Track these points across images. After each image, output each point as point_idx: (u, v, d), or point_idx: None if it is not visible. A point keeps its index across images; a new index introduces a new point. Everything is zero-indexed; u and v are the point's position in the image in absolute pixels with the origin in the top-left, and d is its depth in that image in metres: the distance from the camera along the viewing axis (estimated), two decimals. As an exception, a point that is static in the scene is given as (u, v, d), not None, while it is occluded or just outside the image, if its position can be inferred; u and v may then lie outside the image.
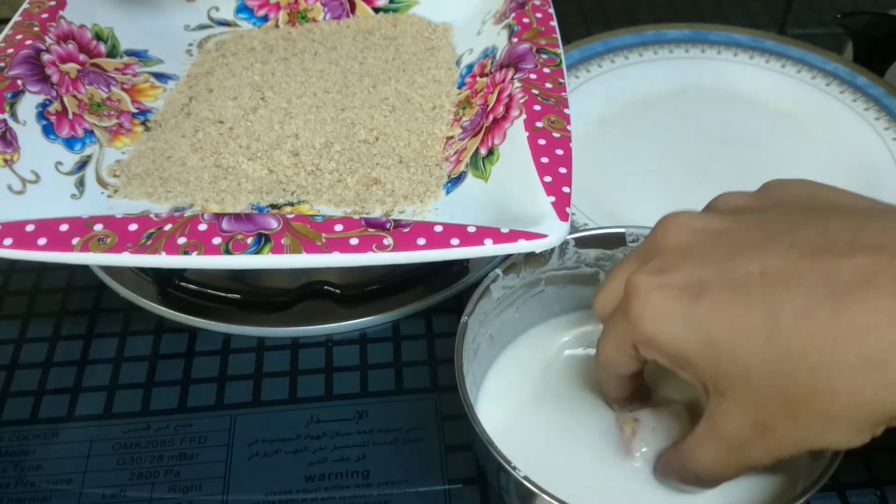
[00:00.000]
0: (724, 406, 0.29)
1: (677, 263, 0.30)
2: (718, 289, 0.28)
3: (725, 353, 0.28)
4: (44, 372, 0.44)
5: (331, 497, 0.38)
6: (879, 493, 0.38)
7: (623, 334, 0.31)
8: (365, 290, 0.47)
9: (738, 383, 0.28)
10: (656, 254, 0.31)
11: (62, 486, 0.39)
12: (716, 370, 0.29)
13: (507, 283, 0.38)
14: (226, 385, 0.43)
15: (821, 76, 0.59)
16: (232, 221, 0.37)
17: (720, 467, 0.31)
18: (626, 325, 0.31)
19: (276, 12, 0.58)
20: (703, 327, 0.28)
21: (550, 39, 0.48)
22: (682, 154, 0.54)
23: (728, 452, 0.30)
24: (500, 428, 0.35)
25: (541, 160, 0.40)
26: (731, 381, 0.28)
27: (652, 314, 0.29)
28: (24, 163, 0.42)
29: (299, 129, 0.48)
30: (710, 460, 0.31)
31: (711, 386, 0.29)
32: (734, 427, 0.29)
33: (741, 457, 0.30)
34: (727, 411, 0.29)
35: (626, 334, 0.31)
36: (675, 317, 0.29)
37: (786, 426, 0.28)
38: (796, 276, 0.27)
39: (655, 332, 0.29)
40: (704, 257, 0.29)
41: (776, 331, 0.27)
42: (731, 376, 0.28)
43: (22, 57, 0.46)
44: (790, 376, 0.27)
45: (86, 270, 0.49)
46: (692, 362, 0.29)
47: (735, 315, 0.28)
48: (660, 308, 0.29)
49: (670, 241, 0.31)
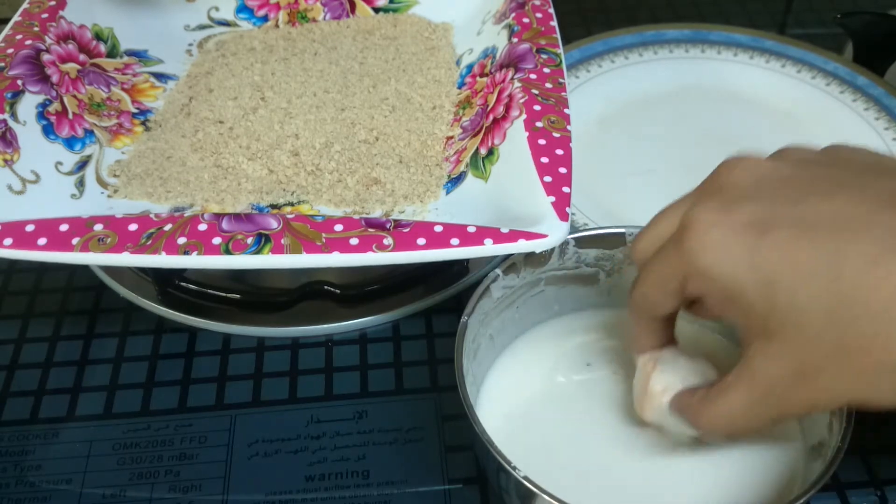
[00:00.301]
0: (769, 349, 0.28)
1: (742, 201, 0.29)
2: (784, 228, 0.28)
3: (784, 292, 0.27)
4: (44, 372, 0.44)
5: (331, 497, 0.38)
6: (879, 493, 0.38)
7: (671, 267, 0.31)
8: (365, 290, 0.47)
9: (790, 324, 0.28)
10: (718, 191, 0.30)
11: (62, 486, 0.39)
12: (769, 309, 0.28)
13: (507, 283, 0.38)
14: (226, 385, 0.43)
15: (821, 76, 0.59)
16: (232, 221, 0.37)
17: (744, 416, 0.30)
18: (677, 258, 0.30)
19: (276, 12, 0.58)
20: (765, 264, 0.28)
21: (550, 39, 0.48)
22: (682, 154, 0.54)
23: (759, 399, 0.29)
24: (500, 428, 0.35)
25: (541, 160, 0.40)
26: (783, 322, 0.28)
27: (712, 246, 0.29)
28: (24, 163, 0.42)
29: (299, 129, 0.48)
30: (737, 407, 0.30)
31: (759, 327, 0.28)
32: (775, 371, 0.28)
33: (772, 406, 0.29)
34: (771, 354, 0.28)
35: (675, 267, 0.30)
36: (735, 250, 0.28)
37: (832, 374, 0.27)
38: (867, 225, 0.27)
39: (713, 264, 0.29)
40: (772, 198, 0.29)
41: (840, 275, 0.26)
42: (785, 317, 0.28)
43: (22, 57, 0.46)
44: (849, 323, 0.26)
45: (86, 270, 0.49)
46: (745, 299, 0.28)
47: (799, 255, 0.27)
48: (721, 241, 0.29)
49: (735, 179, 0.31)
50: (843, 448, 0.31)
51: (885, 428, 0.40)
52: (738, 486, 0.34)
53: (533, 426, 0.37)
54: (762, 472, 0.35)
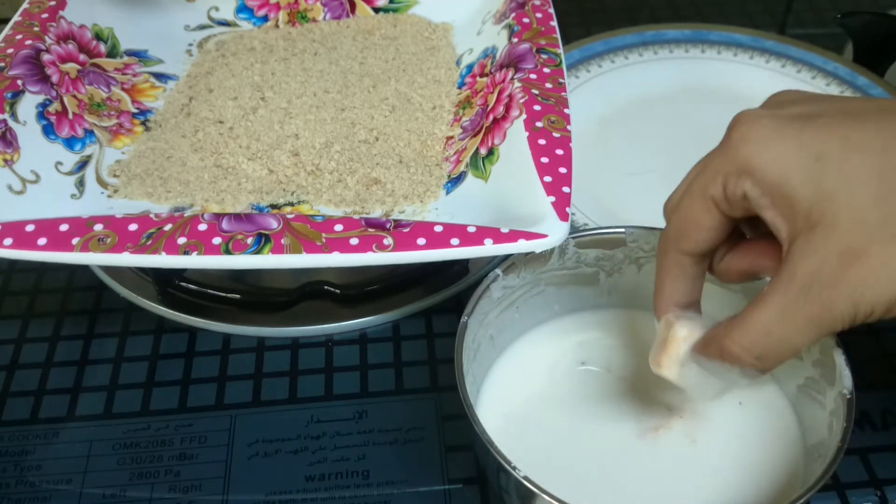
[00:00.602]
0: (811, 242, 0.27)
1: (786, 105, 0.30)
2: (831, 115, 0.28)
3: (833, 167, 0.27)
4: (44, 372, 0.44)
5: (331, 497, 0.38)
6: (879, 494, 0.38)
7: (712, 170, 0.30)
8: (365, 290, 0.47)
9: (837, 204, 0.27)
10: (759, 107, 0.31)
11: (62, 486, 0.39)
12: (816, 192, 0.27)
13: (508, 283, 0.38)
14: (226, 385, 0.43)
15: (821, 76, 0.59)
16: (232, 221, 0.37)
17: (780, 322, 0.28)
18: (720, 156, 0.30)
19: (276, 12, 0.58)
20: (813, 142, 0.28)
21: (550, 39, 0.48)
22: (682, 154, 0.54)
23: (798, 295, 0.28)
24: (500, 428, 0.35)
25: (541, 160, 0.40)
26: (829, 204, 0.27)
27: (758, 134, 0.29)
28: (24, 163, 0.42)
29: (299, 129, 0.48)
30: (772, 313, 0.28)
31: (803, 219, 0.28)
32: (816, 261, 0.27)
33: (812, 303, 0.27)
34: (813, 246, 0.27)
35: (718, 166, 0.30)
36: (783, 135, 0.28)
37: (881, 251, 0.26)
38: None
39: (758, 152, 0.28)
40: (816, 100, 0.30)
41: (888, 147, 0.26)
42: (831, 197, 0.27)
43: (22, 57, 0.46)
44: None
45: (86, 270, 0.49)
46: (791, 186, 0.28)
47: (848, 132, 0.27)
48: (767, 129, 0.29)
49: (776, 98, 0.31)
50: (843, 448, 0.31)
51: (885, 428, 0.41)
52: (738, 486, 0.34)
53: (533, 426, 0.37)
54: (762, 472, 0.35)
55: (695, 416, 0.37)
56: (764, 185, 0.29)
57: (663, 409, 0.37)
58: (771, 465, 0.35)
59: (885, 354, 0.44)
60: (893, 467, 0.39)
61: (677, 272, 0.33)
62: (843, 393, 0.32)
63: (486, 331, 0.38)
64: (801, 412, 0.37)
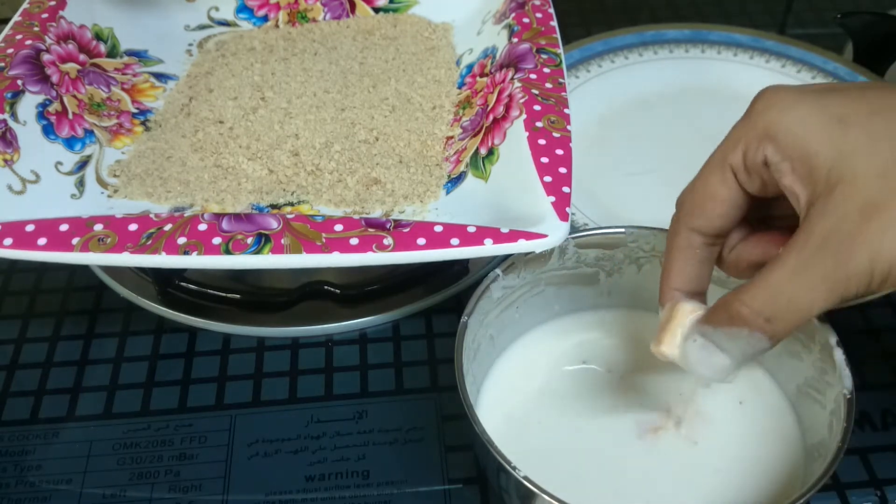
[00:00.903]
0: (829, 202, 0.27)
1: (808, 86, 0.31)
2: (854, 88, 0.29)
3: (855, 128, 0.28)
4: (44, 372, 0.44)
5: (331, 497, 0.38)
6: (879, 494, 0.38)
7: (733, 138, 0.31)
8: (365, 290, 0.47)
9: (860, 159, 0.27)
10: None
11: (62, 486, 0.39)
12: (838, 153, 0.28)
13: (508, 283, 0.38)
14: (226, 385, 0.43)
15: (821, 76, 0.59)
16: (232, 221, 0.37)
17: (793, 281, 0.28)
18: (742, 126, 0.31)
19: (276, 12, 0.58)
20: (836, 107, 0.28)
21: (550, 39, 0.48)
22: (682, 154, 0.54)
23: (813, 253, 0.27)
24: (500, 428, 0.35)
25: (541, 160, 0.40)
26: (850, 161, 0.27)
27: (781, 100, 0.29)
28: (24, 163, 0.42)
29: (299, 129, 0.48)
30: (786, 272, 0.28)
31: (823, 180, 0.28)
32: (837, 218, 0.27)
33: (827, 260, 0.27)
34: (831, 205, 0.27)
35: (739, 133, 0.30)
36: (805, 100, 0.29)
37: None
38: None
39: (780, 117, 0.29)
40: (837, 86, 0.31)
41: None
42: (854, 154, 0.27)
43: (22, 57, 0.46)
44: None
45: (86, 270, 0.49)
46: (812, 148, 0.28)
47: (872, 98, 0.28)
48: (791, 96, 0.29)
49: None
50: (843, 448, 0.31)
51: (885, 428, 0.41)
52: (738, 486, 0.34)
53: (533, 426, 0.37)
54: (762, 472, 0.35)
55: (695, 417, 0.37)
56: (785, 150, 0.29)
57: (663, 409, 0.37)
58: (771, 465, 0.35)
59: (885, 354, 0.44)
60: (893, 467, 0.39)
61: (688, 254, 0.32)
62: (843, 393, 0.32)
63: (486, 331, 0.38)
64: (801, 412, 0.37)
